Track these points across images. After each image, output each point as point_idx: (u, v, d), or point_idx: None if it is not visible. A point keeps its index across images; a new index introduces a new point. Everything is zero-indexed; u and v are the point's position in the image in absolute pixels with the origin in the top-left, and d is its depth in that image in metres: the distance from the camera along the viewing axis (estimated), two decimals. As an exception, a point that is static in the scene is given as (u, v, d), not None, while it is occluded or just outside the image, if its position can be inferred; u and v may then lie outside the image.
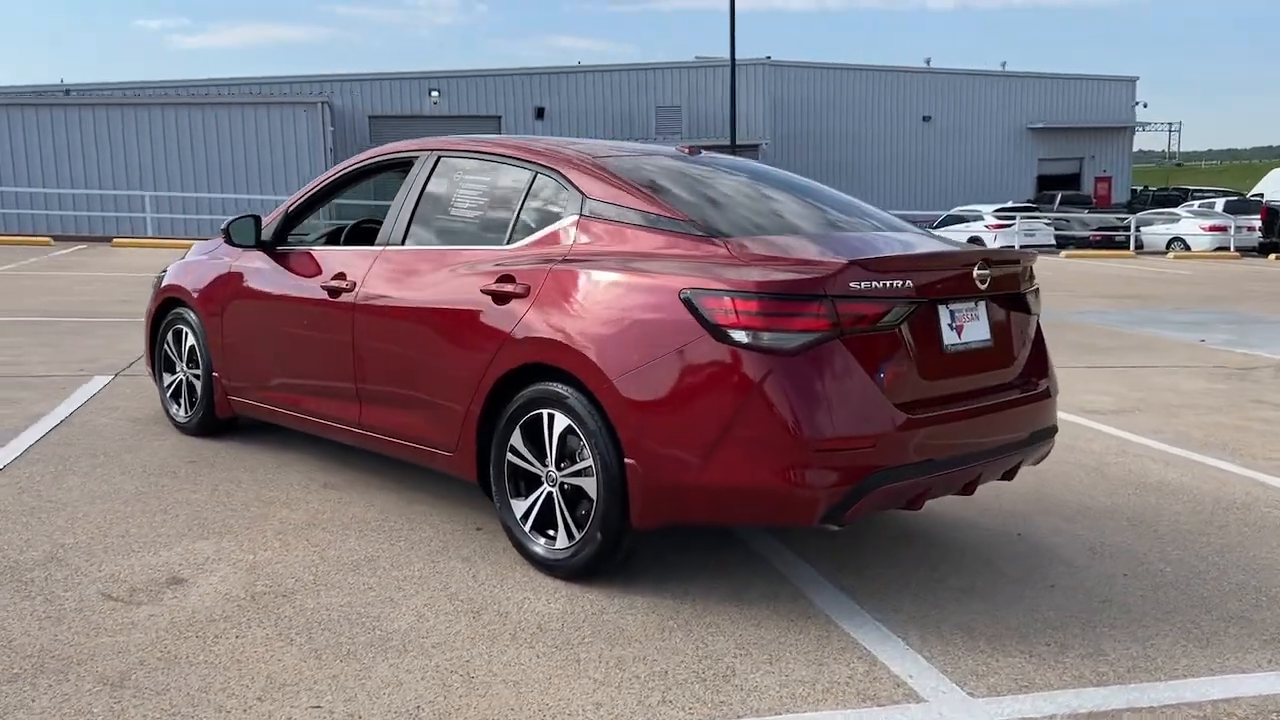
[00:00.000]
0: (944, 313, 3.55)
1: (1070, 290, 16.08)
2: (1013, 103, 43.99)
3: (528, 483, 3.78)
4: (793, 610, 3.50)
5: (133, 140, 27.24)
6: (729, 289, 3.26)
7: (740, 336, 3.23)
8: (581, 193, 3.83)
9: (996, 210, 27.70)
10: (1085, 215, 30.59)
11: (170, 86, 32.12)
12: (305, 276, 4.73)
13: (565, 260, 3.71)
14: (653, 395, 3.36)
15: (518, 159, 4.12)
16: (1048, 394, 3.93)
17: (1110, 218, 30.48)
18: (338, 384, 4.55)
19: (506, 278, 3.83)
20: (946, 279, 3.54)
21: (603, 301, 3.53)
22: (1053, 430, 3.97)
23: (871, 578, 3.81)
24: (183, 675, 2.91)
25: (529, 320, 3.70)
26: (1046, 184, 42.86)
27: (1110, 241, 28.85)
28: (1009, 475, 3.85)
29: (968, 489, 3.64)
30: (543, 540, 3.73)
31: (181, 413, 5.63)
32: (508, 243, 3.98)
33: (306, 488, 4.70)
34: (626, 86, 34.97)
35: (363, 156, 4.86)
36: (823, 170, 40.79)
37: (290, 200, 5.11)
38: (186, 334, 5.53)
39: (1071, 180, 44.29)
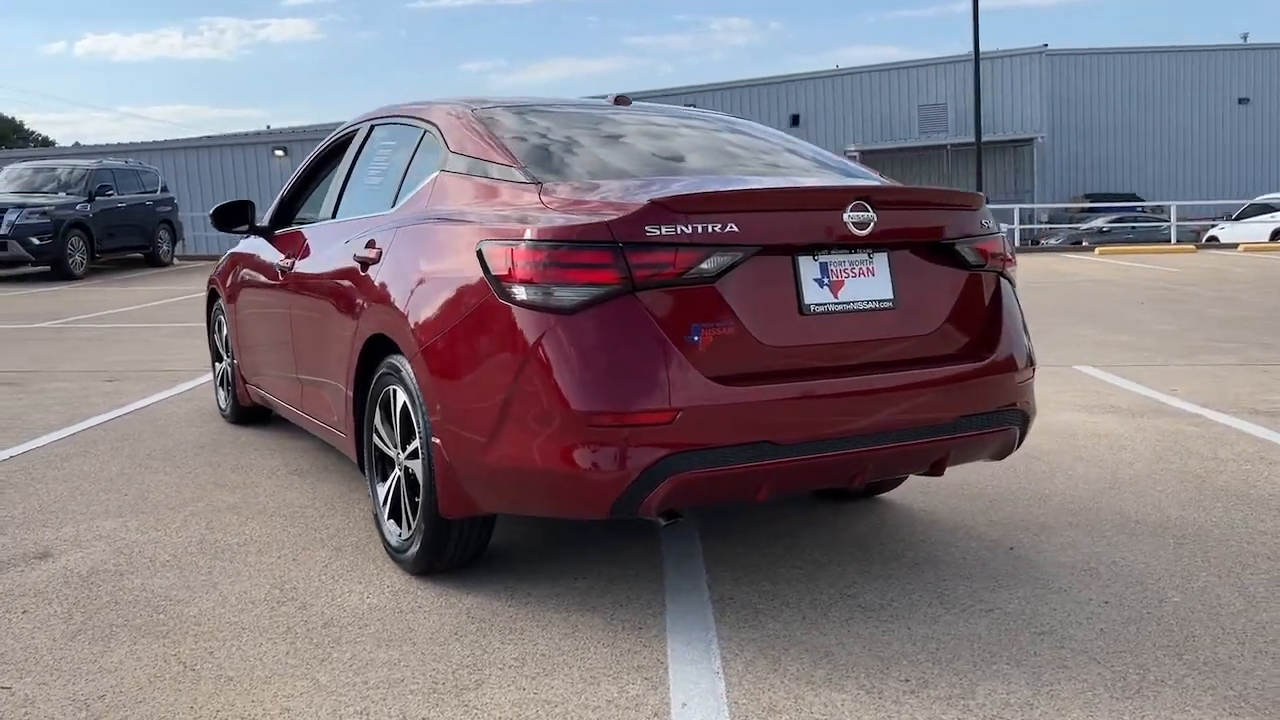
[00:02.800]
0: (807, 265, 2.88)
1: (1367, 282, 13.59)
2: (1356, 76, 38.32)
3: (390, 466, 3.46)
4: (629, 621, 2.95)
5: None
6: (509, 239, 2.80)
7: (519, 293, 2.75)
8: (447, 147, 3.48)
9: (1308, 197, 24.04)
10: None
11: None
12: (277, 258, 4.66)
13: (412, 221, 3.37)
14: (450, 364, 2.95)
15: (414, 118, 3.83)
16: (997, 370, 3.11)
17: None
18: (287, 366, 4.43)
19: (370, 243, 3.54)
20: (802, 223, 2.86)
21: (423, 263, 3.17)
22: (1010, 415, 3.14)
23: (766, 591, 3.17)
24: (-78, 647, 2.83)
25: (375, 288, 3.39)
26: None
27: None
28: (936, 469, 3.08)
29: (854, 481, 2.94)
30: (389, 528, 3.39)
31: (223, 401, 5.75)
32: (391, 206, 3.68)
33: (272, 474, 4.61)
34: (887, 86, 33.51)
35: (335, 132, 4.73)
36: (1111, 162, 37.32)
37: (286, 184, 5.07)
38: (222, 323, 5.64)
39: None
